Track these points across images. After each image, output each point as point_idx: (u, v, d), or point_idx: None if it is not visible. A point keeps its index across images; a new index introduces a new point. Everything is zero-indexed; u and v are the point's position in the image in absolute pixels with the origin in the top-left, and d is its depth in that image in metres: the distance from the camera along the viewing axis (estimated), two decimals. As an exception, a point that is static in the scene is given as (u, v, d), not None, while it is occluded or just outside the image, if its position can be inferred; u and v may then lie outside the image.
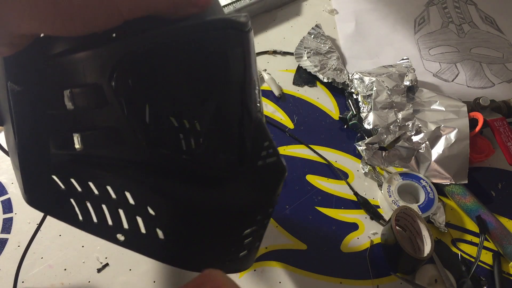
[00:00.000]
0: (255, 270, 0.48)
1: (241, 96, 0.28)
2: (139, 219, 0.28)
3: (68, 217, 0.29)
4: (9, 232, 0.49)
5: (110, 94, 0.24)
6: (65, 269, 0.47)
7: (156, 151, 0.26)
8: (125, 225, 0.28)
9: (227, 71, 0.27)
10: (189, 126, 0.26)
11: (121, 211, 0.28)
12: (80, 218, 0.29)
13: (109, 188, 0.27)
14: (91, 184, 0.27)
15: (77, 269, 0.47)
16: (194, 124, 0.27)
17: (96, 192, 0.27)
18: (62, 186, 0.28)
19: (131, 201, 0.27)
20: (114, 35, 0.24)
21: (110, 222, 0.28)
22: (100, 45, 0.24)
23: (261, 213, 0.30)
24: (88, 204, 0.28)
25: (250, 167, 0.29)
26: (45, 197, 0.29)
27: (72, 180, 0.27)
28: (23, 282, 0.46)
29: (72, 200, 0.28)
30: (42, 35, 0.24)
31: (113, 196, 0.27)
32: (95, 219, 0.28)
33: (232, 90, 0.28)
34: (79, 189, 0.28)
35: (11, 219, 0.50)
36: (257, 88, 0.31)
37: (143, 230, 0.28)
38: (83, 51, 0.24)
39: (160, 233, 0.28)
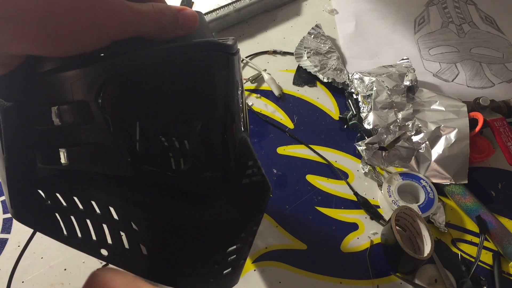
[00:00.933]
0: (255, 270, 0.47)
1: (226, 116, 0.29)
2: (123, 235, 0.27)
3: (53, 232, 0.28)
4: (9, 232, 0.48)
5: (97, 111, 0.24)
6: (65, 269, 0.46)
7: (141, 167, 0.26)
8: (109, 240, 0.27)
9: (213, 92, 0.28)
10: (174, 144, 0.26)
11: (105, 226, 0.27)
12: (65, 232, 0.28)
13: (93, 203, 0.26)
14: (76, 199, 0.26)
15: (77, 269, 0.46)
16: (179, 142, 0.26)
17: (80, 206, 0.27)
18: (48, 201, 0.27)
19: (115, 216, 0.26)
20: (102, 54, 0.24)
21: (94, 237, 0.27)
22: (88, 64, 0.24)
23: (245, 230, 0.30)
24: (73, 219, 0.27)
25: (234, 185, 0.29)
26: (31, 211, 0.28)
27: (58, 195, 0.27)
28: (23, 282, 0.45)
29: (57, 215, 0.27)
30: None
31: (98, 211, 0.26)
32: (79, 234, 0.27)
33: (217, 111, 0.28)
34: (64, 203, 0.27)
35: (11, 219, 0.49)
36: (242, 108, 0.31)
37: (126, 246, 0.27)
38: (72, 69, 0.24)
39: (143, 249, 0.27)
